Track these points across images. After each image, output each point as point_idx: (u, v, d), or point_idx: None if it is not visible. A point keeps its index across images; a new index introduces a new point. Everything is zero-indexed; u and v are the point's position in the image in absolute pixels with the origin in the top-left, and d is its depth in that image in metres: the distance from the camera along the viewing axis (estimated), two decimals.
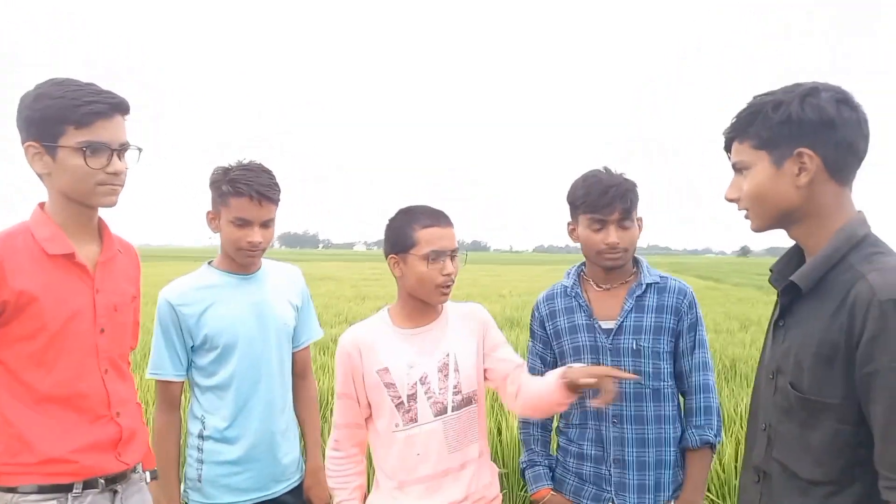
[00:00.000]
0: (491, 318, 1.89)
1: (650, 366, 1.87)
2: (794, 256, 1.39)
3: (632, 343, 1.87)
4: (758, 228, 1.36)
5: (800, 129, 1.23)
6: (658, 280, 1.93)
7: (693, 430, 1.89)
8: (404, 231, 1.73)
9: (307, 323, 2.19)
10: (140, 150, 1.56)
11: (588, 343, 1.92)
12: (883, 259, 1.19)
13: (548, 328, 2.01)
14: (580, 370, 1.61)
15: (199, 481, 1.97)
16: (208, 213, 1.99)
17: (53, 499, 1.47)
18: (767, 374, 1.36)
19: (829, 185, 1.25)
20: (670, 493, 1.88)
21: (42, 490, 1.46)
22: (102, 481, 1.53)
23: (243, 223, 1.92)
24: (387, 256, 1.79)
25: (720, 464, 3.63)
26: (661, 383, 1.88)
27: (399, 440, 1.73)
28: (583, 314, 1.94)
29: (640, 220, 1.91)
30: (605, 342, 1.89)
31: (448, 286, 1.74)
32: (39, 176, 1.52)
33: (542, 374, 1.98)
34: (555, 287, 2.07)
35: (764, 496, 1.33)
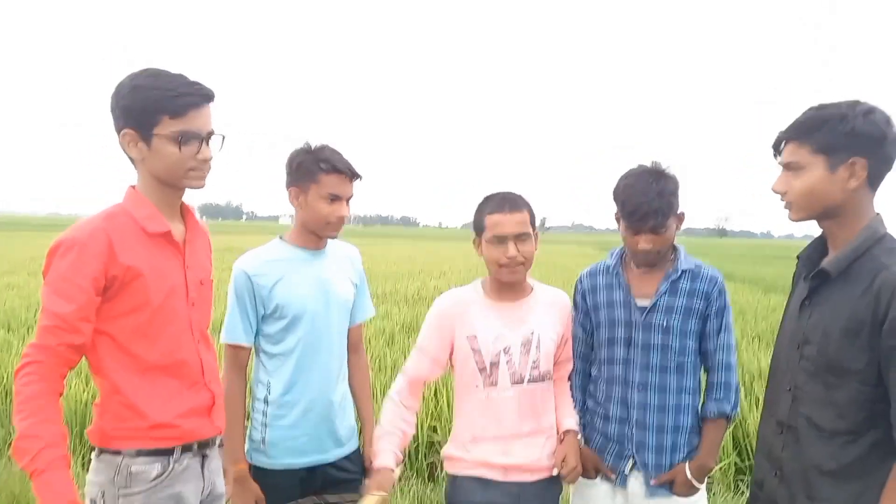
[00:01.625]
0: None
1: (677, 342, 2.11)
2: (819, 247, 1.67)
3: (663, 321, 2.11)
4: (798, 219, 1.60)
5: (858, 142, 1.47)
6: (693, 267, 2.15)
7: (713, 402, 2.14)
8: (479, 216, 2.00)
9: (363, 301, 2.34)
10: (224, 137, 1.66)
11: (623, 318, 2.14)
12: None
13: (588, 301, 2.22)
14: (568, 448, 2.04)
15: (264, 444, 2.09)
16: (291, 189, 2.12)
17: (158, 461, 1.58)
18: (793, 343, 1.62)
19: (866, 190, 1.52)
20: (685, 455, 2.14)
21: (148, 453, 1.57)
22: (196, 446, 1.65)
23: (335, 198, 2.09)
24: (473, 238, 2.06)
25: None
26: (685, 359, 2.12)
27: (478, 400, 1.97)
28: (621, 291, 2.16)
29: (681, 215, 2.10)
30: (639, 318, 2.12)
31: (509, 266, 1.94)
32: (132, 160, 1.62)
33: (582, 339, 2.24)
34: (598, 265, 2.28)
35: (788, 444, 1.60)
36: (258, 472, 2.09)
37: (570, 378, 2.28)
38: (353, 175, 2.11)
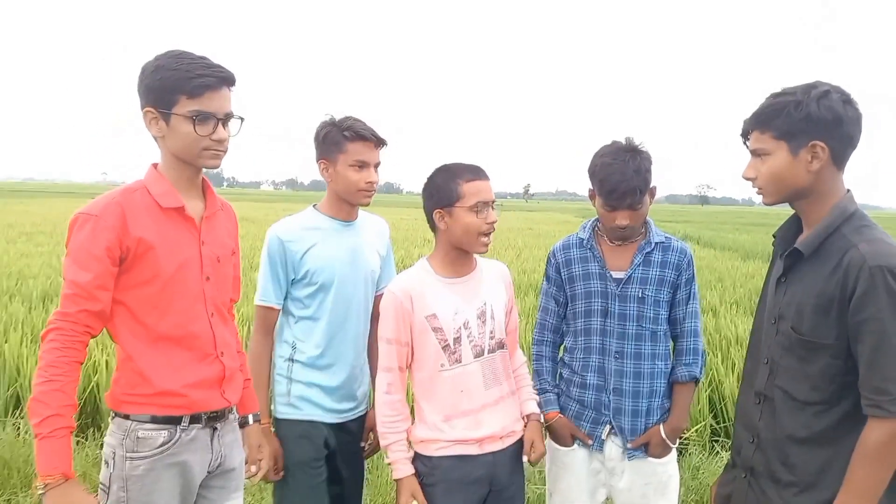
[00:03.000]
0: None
1: (651, 311, 2.18)
2: (793, 225, 1.72)
3: (638, 291, 2.17)
4: (770, 203, 1.67)
5: (815, 126, 1.52)
6: (663, 240, 2.23)
7: (683, 367, 2.24)
8: (448, 186, 1.94)
9: (388, 271, 2.43)
10: (242, 119, 1.71)
11: (599, 289, 2.21)
12: (870, 232, 1.54)
13: (563, 273, 2.28)
14: (534, 433, 2.10)
15: (289, 395, 2.20)
16: (321, 162, 2.21)
17: (165, 429, 1.64)
18: (770, 318, 1.69)
19: (831, 170, 1.57)
20: (658, 417, 2.23)
21: (155, 420, 1.63)
22: (206, 417, 1.70)
23: (363, 165, 2.17)
24: (431, 212, 1.98)
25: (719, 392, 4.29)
26: (658, 327, 2.20)
27: (445, 379, 1.97)
28: (596, 264, 2.23)
29: (653, 189, 2.15)
30: (615, 289, 2.19)
31: (490, 234, 1.97)
32: (154, 138, 1.68)
33: (555, 311, 2.31)
34: (570, 238, 2.33)
35: (764, 414, 1.68)
36: (286, 424, 2.19)
37: (540, 350, 2.36)
38: (378, 141, 2.19)
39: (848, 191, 1.61)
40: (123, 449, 1.61)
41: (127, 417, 1.63)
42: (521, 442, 2.09)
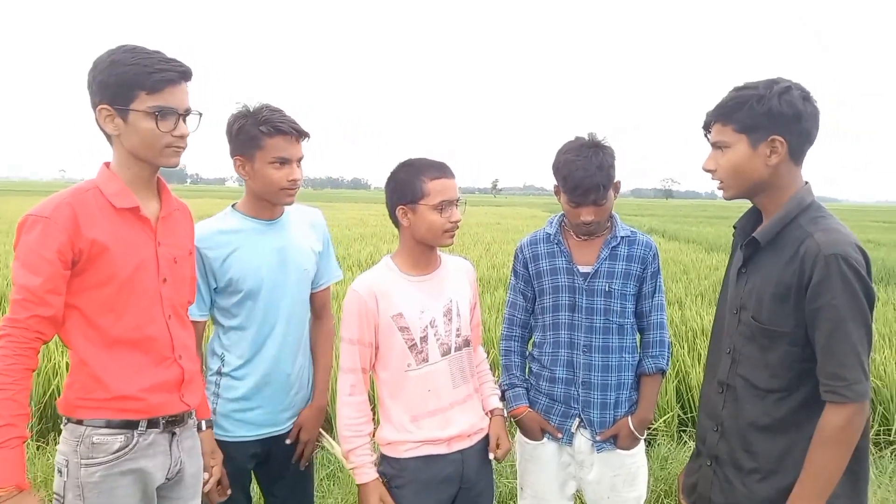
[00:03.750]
0: None
1: (618, 305, 2.20)
2: (752, 217, 1.75)
3: (605, 285, 2.19)
4: (730, 197, 1.68)
5: (775, 121, 1.56)
6: (629, 234, 2.25)
7: (649, 359, 2.26)
8: (413, 183, 1.88)
9: (327, 265, 2.27)
10: (201, 114, 1.67)
11: (566, 283, 2.21)
12: (825, 222, 1.57)
13: (530, 269, 2.29)
14: (498, 429, 2.08)
15: (214, 414, 2.03)
16: (237, 159, 2.01)
17: (121, 434, 1.59)
18: (732, 309, 1.72)
19: (789, 164, 1.61)
20: (627, 409, 2.25)
21: (110, 425, 1.58)
22: (164, 421, 1.65)
23: (284, 161, 1.98)
24: (394, 208, 1.92)
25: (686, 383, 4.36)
26: (625, 320, 2.22)
27: (411, 378, 1.93)
28: (563, 259, 2.23)
29: (617, 184, 2.16)
30: (582, 284, 2.19)
31: (453, 231, 1.93)
32: (108, 136, 1.63)
33: (523, 307, 2.31)
34: (537, 233, 2.33)
35: (727, 403, 1.71)
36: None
37: (508, 345, 2.35)
38: (299, 134, 2.00)
39: (806, 183, 1.65)
40: (77, 456, 1.56)
41: (80, 423, 1.58)
42: (487, 438, 2.07)
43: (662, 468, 3.69)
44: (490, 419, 2.11)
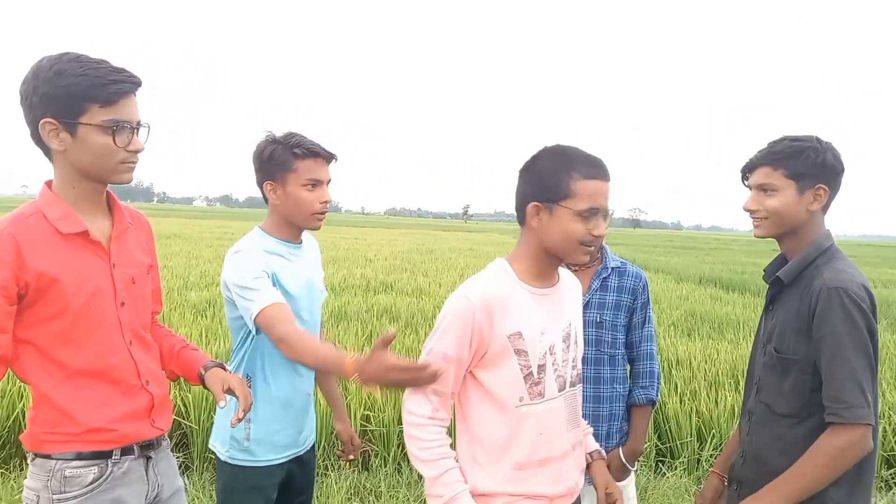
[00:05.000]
0: None
1: (609, 336, 2.21)
2: (780, 261, 1.91)
3: (596, 316, 2.20)
4: (762, 235, 1.83)
5: (825, 172, 1.74)
6: (619, 265, 2.28)
7: (640, 390, 2.27)
8: (559, 177, 1.52)
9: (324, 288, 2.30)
10: (148, 127, 1.57)
11: None
12: (837, 263, 1.73)
13: None
14: (604, 476, 1.74)
15: (248, 440, 1.99)
16: (267, 184, 2.01)
17: (94, 465, 1.50)
18: (760, 343, 1.89)
19: (820, 212, 1.78)
20: (617, 441, 2.25)
21: (82, 457, 1.49)
22: (137, 448, 1.58)
23: (316, 183, 2.00)
24: (527, 201, 1.57)
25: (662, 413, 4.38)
26: (616, 351, 2.23)
27: (523, 417, 1.55)
28: None
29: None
30: None
31: (592, 248, 1.58)
32: (48, 153, 1.50)
33: None
34: None
35: (752, 429, 1.84)
36: (241, 472, 1.99)
37: None
38: (329, 157, 2.04)
39: (828, 230, 1.81)
40: (49, 491, 1.46)
41: (49, 457, 1.48)
42: (578, 499, 1.70)
43: (642, 498, 3.69)
44: (589, 465, 1.77)
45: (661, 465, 4.21)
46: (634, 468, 2.29)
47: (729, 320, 8.34)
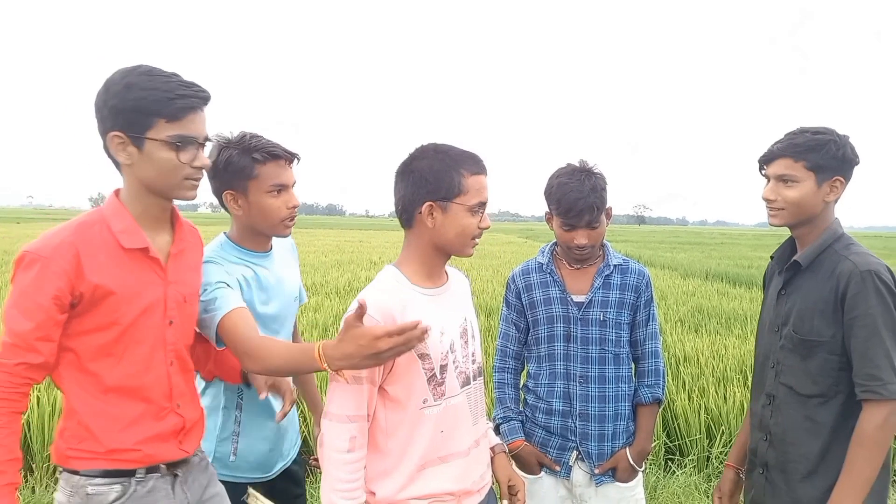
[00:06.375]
0: None
1: (613, 334, 2.18)
2: (789, 248, 1.95)
3: (599, 315, 2.17)
4: (779, 224, 1.85)
5: (843, 164, 1.78)
6: (622, 262, 2.25)
7: (645, 389, 2.24)
8: (450, 176, 1.55)
9: (301, 290, 2.19)
10: (212, 141, 1.58)
11: (561, 313, 2.19)
12: (856, 248, 1.79)
13: (523, 299, 2.25)
14: (506, 470, 1.79)
15: (234, 455, 1.90)
16: (227, 194, 1.86)
17: (118, 483, 1.49)
18: (773, 328, 1.91)
19: (833, 202, 1.83)
20: (624, 441, 2.22)
21: (107, 475, 1.48)
22: (164, 466, 1.56)
23: (281, 188, 1.85)
24: (418, 203, 1.57)
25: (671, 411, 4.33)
26: (621, 349, 2.20)
27: (426, 418, 1.57)
28: (556, 288, 2.21)
29: (609, 209, 2.17)
30: (577, 313, 2.17)
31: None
32: (118, 165, 1.51)
33: (516, 337, 2.28)
34: (529, 263, 2.31)
35: (774, 413, 1.87)
36: (227, 489, 1.80)
37: (502, 377, 2.30)
38: (292, 157, 1.88)
39: (836, 218, 1.86)
40: None
41: (75, 473, 1.48)
42: (491, 493, 1.75)
43: (652, 497, 3.65)
44: (492, 459, 1.80)
45: (670, 463, 4.17)
46: (642, 468, 2.25)
47: (736, 315, 8.29)
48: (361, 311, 1.38)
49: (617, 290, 2.19)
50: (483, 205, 1.59)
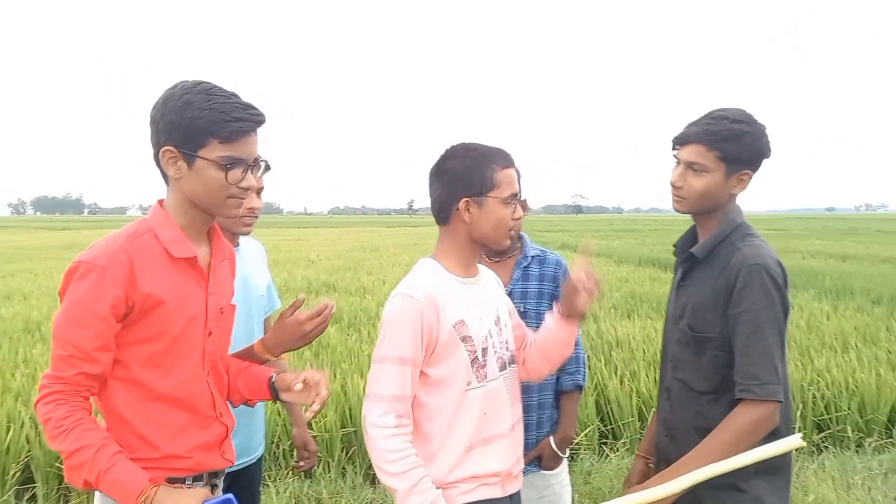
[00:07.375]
0: None
1: (533, 324, 2.16)
2: (690, 237, 1.89)
3: (519, 305, 2.17)
4: (683, 211, 1.79)
5: (754, 158, 1.72)
6: (539, 253, 2.26)
7: (567, 376, 2.26)
8: (482, 172, 1.64)
9: (273, 293, 2.26)
10: (266, 163, 1.60)
11: None
12: (753, 240, 1.72)
13: None
14: (570, 293, 1.75)
15: None
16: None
17: None
18: (672, 320, 1.86)
19: (738, 194, 1.76)
20: (548, 429, 2.24)
21: (156, 483, 1.45)
22: (206, 475, 1.58)
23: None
24: (454, 199, 1.65)
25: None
26: None
27: (470, 400, 1.63)
28: None
29: (524, 202, 2.16)
30: None
31: (517, 229, 1.74)
32: (165, 176, 1.51)
33: None
34: None
35: (673, 406, 1.83)
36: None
37: None
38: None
39: (738, 205, 1.81)
40: None
41: None
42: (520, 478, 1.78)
43: (586, 482, 3.71)
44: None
45: (604, 447, 4.25)
46: (566, 454, 2.27)
47: (667, 299, 8.53)
48: (297, 303, 1.71)
49: (536, 281, 2.20)
50: (515, 196, 1.68)
